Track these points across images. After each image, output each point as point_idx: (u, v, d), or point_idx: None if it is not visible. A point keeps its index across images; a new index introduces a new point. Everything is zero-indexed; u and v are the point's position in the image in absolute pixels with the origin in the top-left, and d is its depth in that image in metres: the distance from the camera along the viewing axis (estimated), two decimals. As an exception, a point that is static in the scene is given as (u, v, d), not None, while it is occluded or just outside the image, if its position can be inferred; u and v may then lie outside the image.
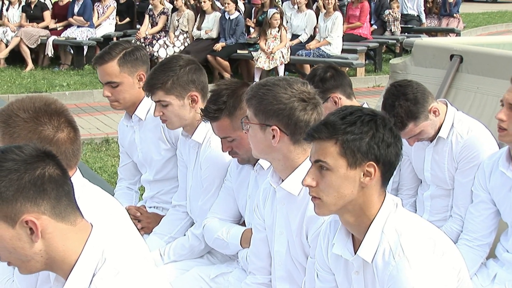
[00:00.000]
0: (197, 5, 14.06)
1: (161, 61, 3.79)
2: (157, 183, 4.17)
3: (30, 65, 14.05)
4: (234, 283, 3.47)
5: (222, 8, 13.38)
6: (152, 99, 3.70)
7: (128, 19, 15.30)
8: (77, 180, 2.43)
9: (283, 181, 2.87)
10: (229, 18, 13.02)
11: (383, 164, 2.37)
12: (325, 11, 13.10)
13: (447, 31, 16.00)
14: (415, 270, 2.29)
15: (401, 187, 4.21)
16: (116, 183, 4.52)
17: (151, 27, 13.77)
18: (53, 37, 14.20)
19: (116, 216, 2.52)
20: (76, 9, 14.37)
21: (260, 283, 3.13)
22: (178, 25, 13.54)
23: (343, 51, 13.04)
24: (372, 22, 15.11)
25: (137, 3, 15.70)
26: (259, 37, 12.91)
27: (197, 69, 3.70)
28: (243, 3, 14.89)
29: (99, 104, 11.23)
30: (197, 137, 3.69)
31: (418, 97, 3.64)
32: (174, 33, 13.55)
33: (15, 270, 2.50)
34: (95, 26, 14.50)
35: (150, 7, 13.93)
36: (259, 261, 3.13)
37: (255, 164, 3.35)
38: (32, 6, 14.57)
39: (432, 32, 15.88)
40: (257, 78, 12.12)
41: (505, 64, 4.43)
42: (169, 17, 13.78)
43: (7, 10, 14.77)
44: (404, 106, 3.61)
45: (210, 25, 13.24)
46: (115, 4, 15.04)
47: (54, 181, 1.96)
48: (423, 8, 16.36)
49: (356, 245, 2.46)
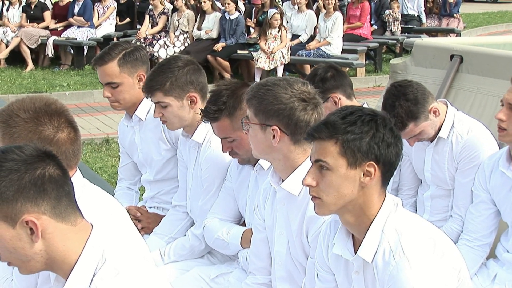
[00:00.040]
0: (197, 5, 14.06)
1: (159, 62, 3.79)
2: (157, 183, 4.17)
3: (30, 65, 14.04)
4: (234, 283, 3.47)
5: (222, 8, 13.37)
6: (151, 100, 3.70)
7: (128, 19, 15.30)
8: (77, 180, 2.43)
9: (283, 181, 2.87)
10: (229, 18, 13.02)
11: (383, 164, 2.37)
12: (325, 11, 13.11)
13: (447, 31, 15.99)
14: (415, 270, 2.29)
15: (401, 187, 4.21)
16: (116, 183, 4.52)
17: (151, 27, 13.77)
18: (53, 37, 14.20)
19: (116, 216, 2.52)
20: (76, 9, 14.37)
21: (260, 283, 3.13)
22: (178, 25, 13.54)
23: (343, 51, 13.04)
24: (372, 22, 15.10)
25: (137, 3, 15.71)
26: (259, 37, 12.91)
27: (195, 69, 3.69)
28: (243, 3, 14.88)
29: (99, 104, 11.23)
30: (197, 137, 3.69)
31: (418, 97, 3.64)
32: (174, 33, 13.54)
33: (14, 270, 2.50)
34: (95, 27, 14.50)
35: (150, 7, 13.93)
36: (259, 261, 3.13)
37: (255, 165, 3.35)
38: (32, 6, 14.58)
39: (432, 32, 15.87)
40: (257, 78, 12.11)
41: (505, 64, 4.43)
42: (169, 17, 13.78)
43: (7, 10, 14.77)
44: (404, 106, 3.61)
45: (210, 25, 13.23)
46: (115, 4, 15.05)
47: (55, 181, 1.96)
48: (423, 8, 16.36)
49: (356, 245, 2.46)
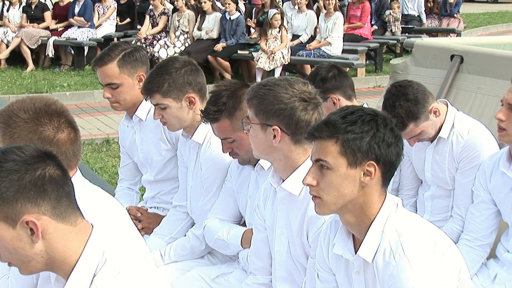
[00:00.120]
0: (198, 6, 14.05)
1: (157, 64, 3.79)
2: (157, 184, 4.17)
3: (31, 65, 14.05)
4: (234, 283, 3.47)
5: (223, 8, 13.37)
6: (150, 102, 3.70)
7: (129, 19, 15.30)
8: (77, 181, 2.42)
9: (283, 181, 2.87)
10: (229, 18, 13.02)
11: (383, 164, 2.37)
12: (326, 11, 13.11)
13: (447, 32, 15.99)
14: (416, 270, 2.29)
15: (401, 187, 4.21)
16: (117, 184, 4.52)
17: (152, 28, 13.77)
18: (54, 37, 14.20)
19: (117, 216, 2.52)
20: (77, 9, 14.38)
21: (261, 283, 3.13)
22: (179, 26, 13.54)
23: (344, 51, 13.04)
24: (372, 23, 15.10)
25: (138, 4, 15.71)
26: (259, 38, 12.90)
27: (193, 70, 3.68)
28: (244, 4, 14.88)
29: (99, 104, 11.23)
30: (197, 137, 3.69)
31: (418, 98, 3.64)
32: (174, 34, 13.54)
33: (11, 267, 2.49)
34: (95, 27, 14.50)
35: (151, 7, 13.93)
36: (260, 261, 3.13)
37: (255, 165, 3.35)
38: (33, 6, 14.57)
39: (432, 33, 15.86)
40: (259, 78, 12.11)
41: (505, 64, 4.43)
42: (169, 18, 13.78)
43: (7, 10, 14.77)
44: (404, 106, 3.61)
45: (211, 26, 13.23)
46: (116, 5, 15.05)
47: (55, 182, 1.96)
48: (423, 9, 16.36)
49: (356, 245, 2.46)
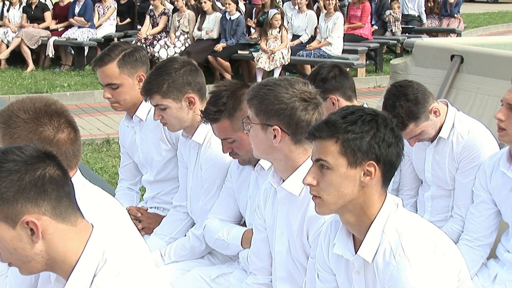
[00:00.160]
0: (198, 6, 14.05)
1: (156, 65, 3.78)
2: (157, 184, 4.17)
3: (31, 65, 14.05)
4: (234, 283, 3.47)
5: (223, 8, 13.37)
6: (150, 103, 3.70)
7: (129, 19, 15.31)
8: (77, 181, 2.42)
9: (284, 181, 2.87)
10: (230, 18, 13.02)
11: (383, 164, 2.37)
12: (326, 11, 13.11)
13: (448, 32, 15.99)
14: (416, 270, 2.29)
15: (401, 187, 4.21)
16: (117, 184, 4.52)
17: (152, 28, 13.77)
18: (54, 37, 14.21)
19: (117, 216, 2.52)
20: (77, 9, 14.38)
21: (261, 284, 3.13)
22: (179, 26, 13.54)
23: (344, 51, 13.04)
24: (372, 23, 15.09)
25: (138, 4, 15.71)
26: (260, 38, 12.90)
27: (192, 70, 3.68)
28: (244, 4, 14.88)
29: (99, 104, 11.23)
30: (197, 138, 3.69)
31: (418, 98, 3.64)
32: (175, 34, 13.54)
33: (10, 267, 2.49)
34: (95, 27, 14.50)
35: (151, 7, 13.93)
36: (260, 261, 3.13)
37: (255, 165, 3.35)
38: (33, 6, 14.58)
39: (433, 33, 15.86)
40: (259, 79, 12.10)
41: (505, 64, 4.43)
42: (169, 18, 13.78)
43: (8, 10, 14.78)
44: (404, 106, 3.61)
45: (211, 26, 13.23)
46: (116, 5, 15.05)
47: (55, 182, 1.96)
48: (423, 9, 16.35)
49: (356, 245, 2.46)
